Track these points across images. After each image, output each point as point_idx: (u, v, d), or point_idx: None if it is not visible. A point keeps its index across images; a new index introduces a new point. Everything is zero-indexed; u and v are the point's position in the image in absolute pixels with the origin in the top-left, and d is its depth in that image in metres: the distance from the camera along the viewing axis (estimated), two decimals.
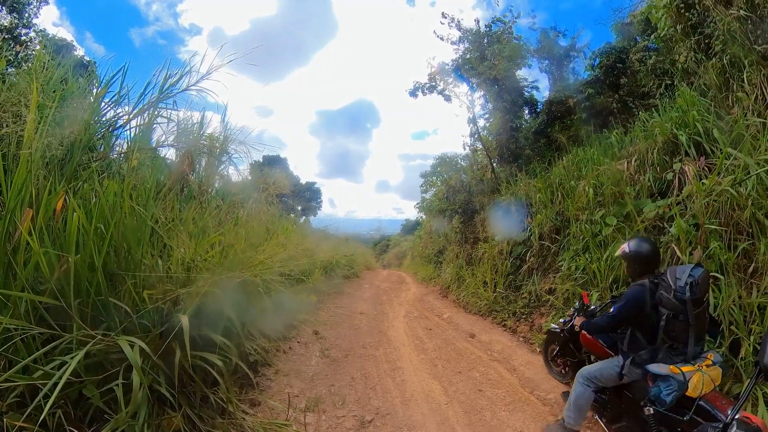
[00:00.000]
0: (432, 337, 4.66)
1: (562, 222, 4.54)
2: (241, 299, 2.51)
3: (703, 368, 1.78)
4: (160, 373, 1.65)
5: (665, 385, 1.78)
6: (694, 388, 1.72)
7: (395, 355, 3.91)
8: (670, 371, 1.79)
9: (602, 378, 2.14)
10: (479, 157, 8.15)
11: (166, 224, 2.12)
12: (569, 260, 3.98)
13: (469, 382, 3.20)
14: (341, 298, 7.15)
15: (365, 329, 4.97)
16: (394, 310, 6.51)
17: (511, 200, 5.81)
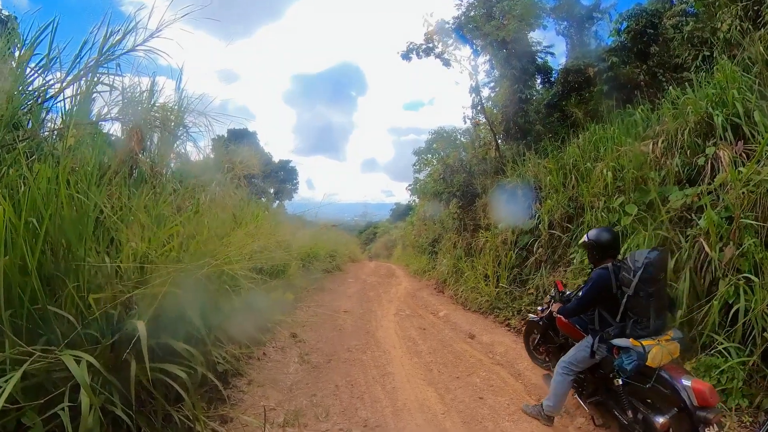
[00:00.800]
0: (426, 339, 4.77)
1: (575, 209, 4.63)
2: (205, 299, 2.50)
3: (662, 342, 2.26)
4: (113, 391, 1.63)
5: (627, 356, 2.26)
6: (653, 358, 2.19)
7: (385, 359, 3.99)
8: (630, 344, 2.26)
9: (578, 361, 2.62)
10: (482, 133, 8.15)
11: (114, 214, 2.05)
12: (582, 252, 4.07)
13: (469, 389, 3.31)
14: (322, 294, 7.19)
15: (350, 330, 5.03)
16: (382, 308, 6.60)
17: (517, 183, 5.87)
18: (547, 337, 3.43)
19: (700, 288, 2.88)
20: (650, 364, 2.20)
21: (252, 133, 20.26)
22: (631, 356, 2.25)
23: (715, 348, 2.66)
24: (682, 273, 2.95)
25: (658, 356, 2.21)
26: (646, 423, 2.30)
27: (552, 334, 3.32)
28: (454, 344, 4.54)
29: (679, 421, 2.10)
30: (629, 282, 2.34)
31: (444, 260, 8.61)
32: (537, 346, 3.63)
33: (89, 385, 1.45)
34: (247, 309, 3.11)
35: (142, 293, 1.89)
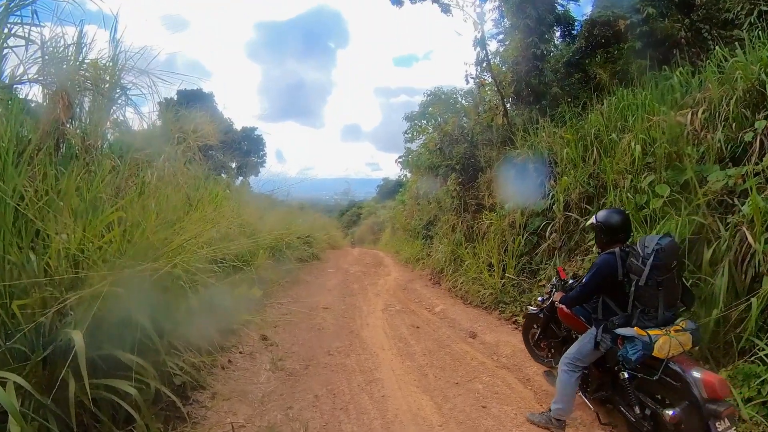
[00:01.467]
0: (420, 338, 4.87)
1: (596, 188, 4.69)
2: (156, 300, 2.47)
3: (671, 332, 2.47)
4: (49, 416, 1.61)
5: (631, 346, 2.49)
6: (660, 349, 2.41)
7: (372, 363, 4.07)
8: (635, 333, 2.49)
9: (582, 355, 2.85)
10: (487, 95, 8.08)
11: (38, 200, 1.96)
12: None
13: (470, 397, 3.41)
14: (297, 288, 7.21)
15: (331, 330, 5.09)
16: (369, 303, 6.68)
17: (528, 155, 5.89)
18: (549, 331, 3.68)
19: (741, 284, 2.94)
20: (657, 355, 2.41)
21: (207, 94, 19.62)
22: (636, 346, 2.47)
23: (755, 354, 2.71)
24: (719, 266, 3.02)
25: (665, 346, 2.41)
26: (655, 419, 2.50)
27: (554, 327, 3.57)
28: (452, 345, 4.65)
29: (689, 414, 2.31)
30: (638, 269, 2.54)
31: (441, 246, 8.71)
32: (538, 342, 3.88)
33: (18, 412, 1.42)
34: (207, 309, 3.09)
35: (78, 296, 1.85)
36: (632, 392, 2.63)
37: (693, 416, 2.30)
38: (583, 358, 2.87)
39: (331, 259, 11.89)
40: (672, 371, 2.42)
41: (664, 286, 2.52)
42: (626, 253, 2.70)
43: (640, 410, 2.60)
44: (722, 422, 2.24)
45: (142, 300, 2.25)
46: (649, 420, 2.55)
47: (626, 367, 2.59)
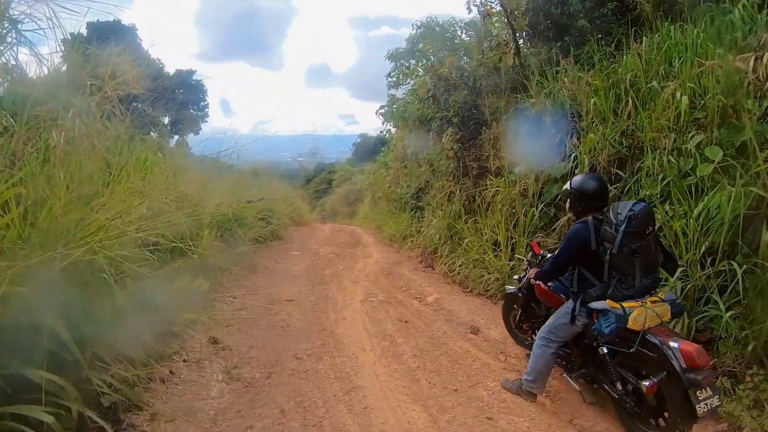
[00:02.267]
0: (410, 335, 4.95)
1: (630, 149, 4.73)
2: (73, 300, 2.42)
3: (647, 304, 2.93)
4: None
5: (605, 319, 2.94)
6: (635, 320, 2.86)
7: (351, 368, 4.12)
8: (608, 305, 2.94)
9: (558, 330, 3.36)
10: (494, 28, 7.93)
11: None
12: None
13: (472, 407, 3.50)
14: (253, 277, 7.19)
15: (298, 328, 5.12)
16: (345, 293, 6.73)
17: (545, 106, 5.87)
18: (530, 311, 4.19)
19: None
20: (632, 327, 2.87)
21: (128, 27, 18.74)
22: (609, 319, 2.92)
23: None
24: None
25: (640, 318, 2.87)
26: (638, 394, 3.00)
27: (535, 306, 4.10)
28: (449, 343, 4.74)
29: (669, 385, 2.77)
30: (611, 237, 2.97)
31: (434, 220, 8.76)
32: (520, 324, 4.40)
33: None
34: (139, 308, 3.04)
35: None
36: (613, 368, 3.12)
37: (673, 387, 2.76)
38: (559, 333, 3.38)
39: (295, 239, 11.86)
40: (649, 343, 2.88)
41: (639, 253, 2.95)
42: (599, 221, 3.13)
43: (622, 386, 3.08)
44: (703, 391, 2.69)
45: (53, 300, 2.20)
46: (632, 395, 3.05)
47: (602, 341, 3.10)
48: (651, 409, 2.99)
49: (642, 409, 3.03)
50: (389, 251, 10.60)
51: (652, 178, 4.27)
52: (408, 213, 11.33)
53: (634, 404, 3.04)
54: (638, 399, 3.02)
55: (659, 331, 2.92)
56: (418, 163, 11.06)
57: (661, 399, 2.90)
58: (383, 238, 12.33)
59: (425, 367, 4.18)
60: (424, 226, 9.54)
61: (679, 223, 3.77)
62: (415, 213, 10.88)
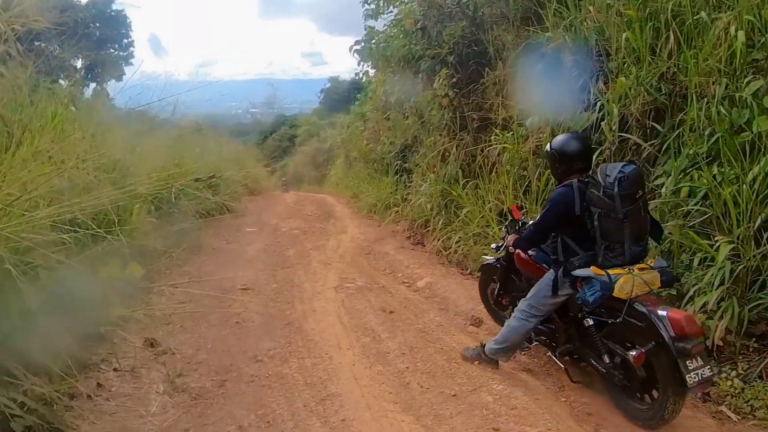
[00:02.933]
0: (396, 329, 4.98)
1: (670, 96, 4.70)
2: None
3: (635, 271, 3.28)
4: None
5: (589, 287, 3.30)
6: (621, 288, 3.21)
7: (324, 371, 4.15)
8: (592, 272, 3.29)
9: (539, 303, 3.73)
10: None
11: None
12: (677, 175, 4.18)
13: (475, 416, 3.54)
14: (198, 261, 7.15)
15: (257, 323, 5.13)
16: (314, 278, 6.74)
17: (565, 41, 5.79)
18: (509, 284, 4.52)
19: None
20: (618, 295, 3.22)
21: None
22: (594, 286, 3.27)
23: None
24: None
25: (627, 286, 3.22)
26: (626, 367, 3.34)
27: (515, 278, 4.44)
28: (445, 337, 4.79)
29: (658, 356, 3.12)
30: (600, 201, 3.29)
31: (424, 186, 8.76)
32: (498, 298, 4.73)
33: None
34: (55, 305, 2.97)
35: None
36: (599, 340, 3.48)
37: (662, 357, 3.09)
38: (541, 306, 3.73)
39: (250, 211, 11.79)
40: (637, 312, 3.22)
41: (629, 218, 3.27)
42: (585, 183, 3.44)
43: (610, 359, 3.43)
44: (693, 360, 3.02)
45: None
46: (620, 368, 3.38)
47: (587, 311, 3.47)
48: (641, 382, 3.31)
49: (631, 382, 3.36)
50: (368, 225, 10.62)
51: (697, 133, 4.25)
52: (391, 177, 11.32)
53: (622, 377, 3.37)
54: (627, 372, 3.36)
55: (647, 300, 3.26)
56: (403, 114, 10.96)
57: (651, 371, 3.23)
58: (361, 209, 12.33)
59: (416, 367, 4.21)
60: (412, 194, 9.54)
61: (729, 190, 3.77)
62: (401, 177, 10.87)
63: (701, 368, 3.02)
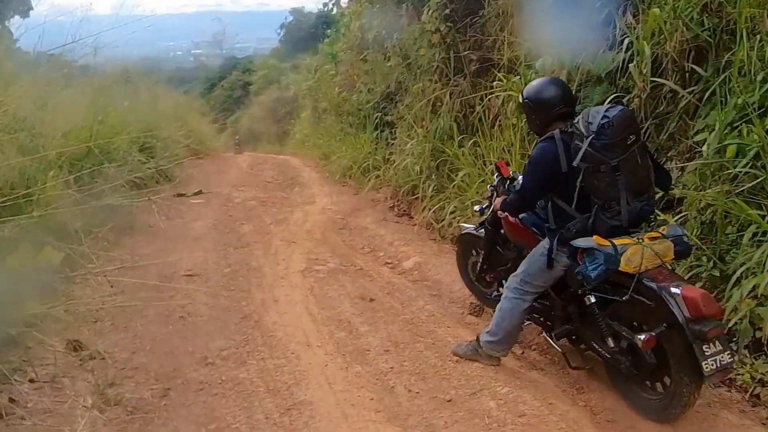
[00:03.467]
0: (378, 321, 5.03)
1: (714, 32, 4.67)
2: None
3: (645, 240, 3.32)
4: None
5: (591, 260, 3.34)
6: (629, 261, 3.24)
7: (290, 375, 4.16)
8: (595, 243, 3.33)
9: (533, 277, 3.85)
10: None
11: None
12: (722, 130, 4.18)
13: (476, 426, 3.56)
14: (132, 241, 7.14)
15: (206, 317, 5.14)
16: (276, 259, 6.77)
17: None
18: (494, 256, 4.65)
19: None
20: (625, 269, 3.25)
21: None
22: (597, 259, 3.31)
23: None
24: None
25: (635, 258, 3.25)
26: (634, 352, 3.42)
27: (501, 248, 4.57)
28: (438, 330, 4.84)
29: (671, 339, 3.20)
30: (585, 154, 3.34)
31: (411, 143, 8.75)
32: (481, 273, 4.84)
33: None
34: None
35: None
36: (603, 321, 3.56)
37: (675, 341, 3.17)
38: (534, 281, 3.85)
39: (195, 179, 11.68)
40: (646, 289, 3.28)
41: (622, 170, 3.30)
42: (569, 135, 3.53)
43: (615, 343, 3.50)
44: (711, 345, 3.06)
45: None
46: (627, 353, 3.46)
47: (588, 287, 3.53)
48: (650, 370, 3.40)
49: (639, 370, 3.44)
50: (343, 193, 10.62)
51: (748, 78, 4.22)
52: (370, 133, 11.28)
53: (629, 364, 3.44)
54: (634, 358, 3.43)
55: (658, 275, 3.30)
56: (384, 54, 10.89)
57: (662, 357, 3.31)
58: (332, 173, 12.30)
59: (403, 368, 4.24)
60: (396, 153, 9.51)
61: None
62: (382, 133, 10.84)
63: (720, 354, 3.06)
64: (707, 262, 4.06)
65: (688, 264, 4.14)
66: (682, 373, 3.16)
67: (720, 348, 3.07)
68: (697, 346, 3.03)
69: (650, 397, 3.44)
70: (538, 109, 3.79)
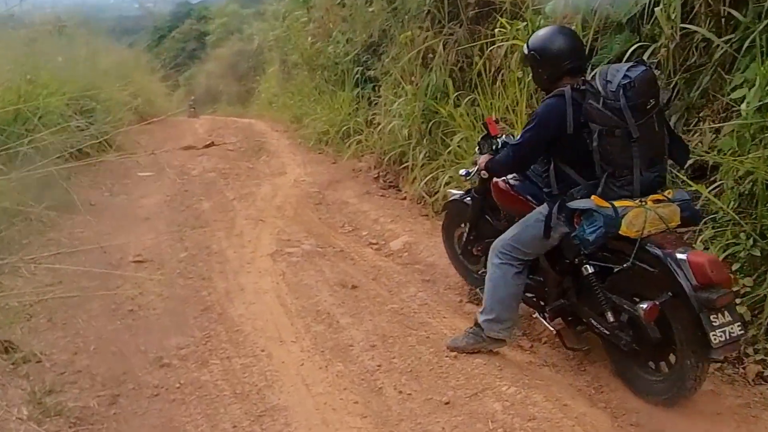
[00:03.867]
0: (362, 311, 5.07)
1: None
2: None
3: (648, 203, 3.48)
4: None
5: (588, 222, 3.50)
6: (630, 224, 3.38)
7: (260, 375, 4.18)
8: (594, 204, 3.48)
9: (524, 244, 4.02)
10: None
11: None
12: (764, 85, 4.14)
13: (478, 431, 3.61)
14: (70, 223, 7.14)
15: (160, 309, 5.16)
16: (241, 241, 6.81)
17: None
18: (483, 226, 4.85)
19: None
20: (626, 233, 3.40)
21: None
22: (596, 222, 3.45)
23: None
24: None
25: (637, 221, 3.40)
26: (635, 326, 3.58)
27: (490, 217, 4.77)
28: (432, 321, 4.87)
29: (676, 310, 3.33)
30: (600, 115, 3.49)
31: (398, 102, 8.76)
32: (468, 247, 5.02)
33: None
34: None
35: None
36: (601, 293, 3.71)
37: (681, 311, 3.30)
38: (525, 248, 4.03)
39: (145, 147, 11.55)
40: (649, 255, 3.41)
41: (639, 136, 3.45)
42: (581, 93, 3.67)
43: (615, 317, 3.67)
44: (719, 315, 3.19)
45: None
46: (628, 328, 3.62)
47: (585, 255, 3.71)
48: (654, 347, 3.56)
49: (642, 347, 3.58)
50: (318, 162, 10.64)
51: None
52: (350, 91, 11.29)
53: (630, 340, 3.59)
54: (636, 333, 3.59)
55: (663, 240, 3.45)
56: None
57: (666, 331, 3.45)
58: (306, 139, 12.33)
59: (392, 366, 4.25)
60: (381, 115, 9.54)
61: None
62: (363, 90, 10.87)
63: (729, 325, 3.18)
64: (746, 240, 4.07)
65: (725, 243, 4.17)
66: (688, 348, 3.29)
67: (730, 319, 3.19)
68: (704, 315, 3.15)
69: (654, 379, 3.60)
70: (545, 62, 3.87)
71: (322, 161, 10.58)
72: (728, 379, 3.79)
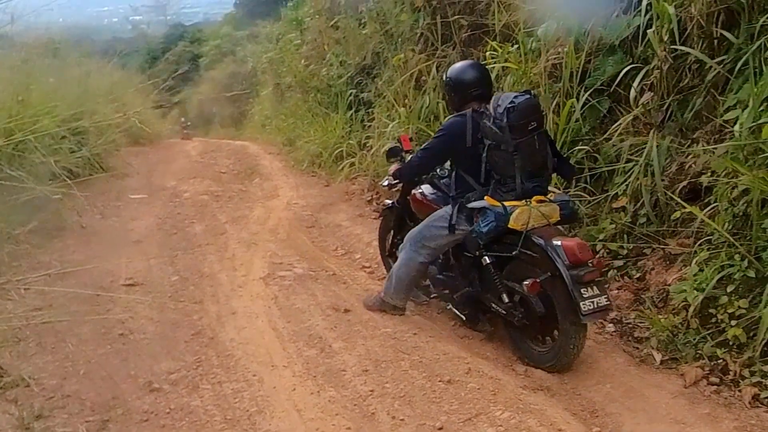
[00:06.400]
0: (355, 335, 5.03)
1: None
2: None
3: (533, 203, 4.32)
4: None
5: (483, 218, 4.31)
6: (516, 219, 4.22)
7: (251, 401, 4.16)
8: (487, 203, 4.34)
9: (431, 237, 4.86)
10: None
11: None
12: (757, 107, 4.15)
13: None
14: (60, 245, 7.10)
15: (150, 333, 5.13)
16: (233, 264, 6.80)
17: None
18: (405, 231, 5.40)
19: None
20: (513, 226, 4.23)
21: None
22: (488, 217, 4.27)
23: None
24: None
25: (522, 216, 4.23)
26: (525, 304, 4.38)
27: (411, 223, 5.45)
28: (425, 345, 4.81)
29: (554, 287, 4.10)
30: (489, 132, 4.31)
31: (392, 125, 8.80)
32: (393, 249, 5.80)
33: None
34: None
35: None
36: (498, 279, 4.52)
37: (558, 287, 4.06)
38: (433, 241, 4.86)
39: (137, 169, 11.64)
40: (533, 244, 4.23)
41: (519, 151, 4.25)
42: (480, 114, 4.48)
43: (509, 298, 4.47)
44: (588, 289, 3.96)
45: None
46: (519, 307, 4.42)
47: (483, 247, 4.51)
48: (541, 322, 4.30)
49: (531, 321, 4.34)
50: (311, 185, 10.63)
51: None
52: (343, 113, 11.30)
53: (522, 317, 4.36)
54: (526, 310, 4.36)
55: (544, 232, 4.25)
56: (359, 20, 10.98)
57: (550, 308, 4.19)
58: (299, 162, 12.31)
59: (385, 390, 4.22)
60: (374, 137, 9.55)
61: None
62: (357, 112, 10.88)
63: (597, 297, 3.95)
64: (740, 261, 4.09)
65: (720, 264, 4.21)
66: (566, 319, 4.05)
67: (597, 292, 3.98)
68: (575, 288, 3.92)
69: (543, 350, 4.37)
70: (456, 89, 4.82)
71: (314, 184, 10.58)
72: (725, 402, 3.79)
